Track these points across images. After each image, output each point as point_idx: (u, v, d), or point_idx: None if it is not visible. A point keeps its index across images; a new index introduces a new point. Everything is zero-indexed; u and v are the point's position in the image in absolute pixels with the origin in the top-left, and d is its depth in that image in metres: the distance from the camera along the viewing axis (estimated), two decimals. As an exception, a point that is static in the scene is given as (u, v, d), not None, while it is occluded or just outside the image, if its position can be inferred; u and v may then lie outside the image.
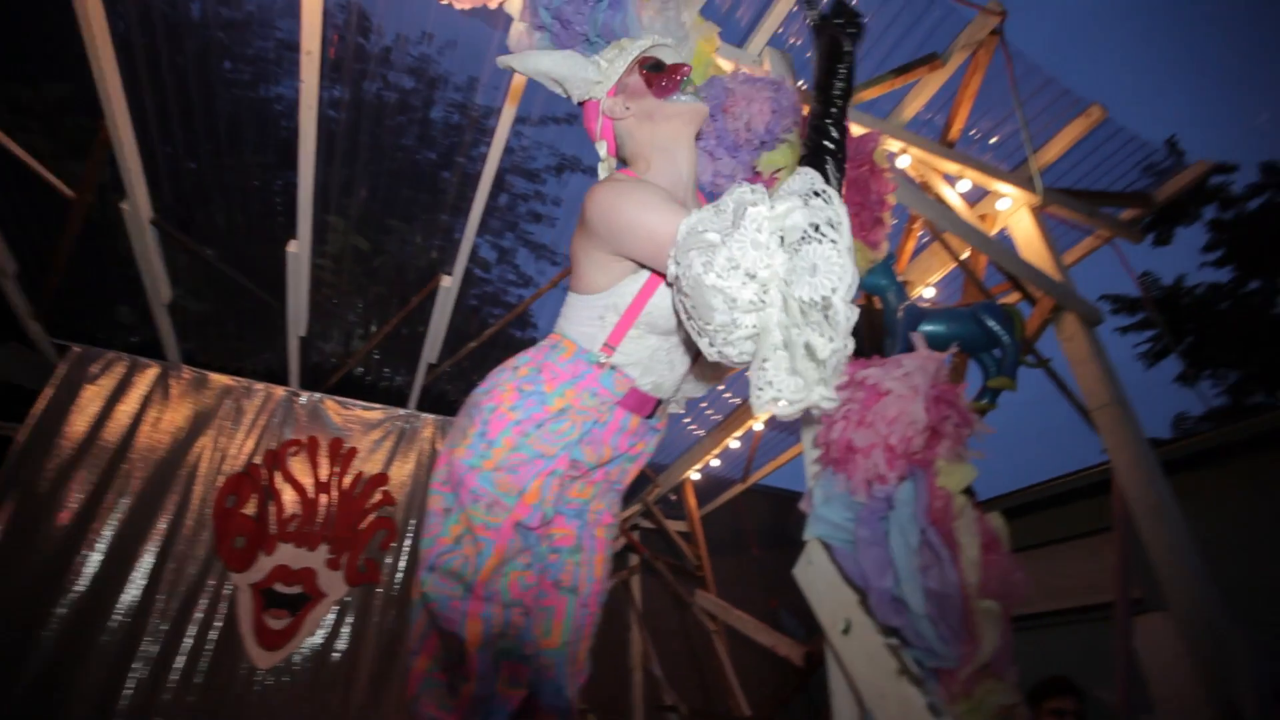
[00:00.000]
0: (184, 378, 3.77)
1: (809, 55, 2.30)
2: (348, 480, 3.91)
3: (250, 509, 3.62)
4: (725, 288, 0.86)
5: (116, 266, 3.35)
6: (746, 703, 4.22)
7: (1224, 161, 10.21)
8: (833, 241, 0.84)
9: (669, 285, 1.09)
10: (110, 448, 3.44)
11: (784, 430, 4.33)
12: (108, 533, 3.30)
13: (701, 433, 4.37)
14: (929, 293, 2.85)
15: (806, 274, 0.83)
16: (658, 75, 1.31)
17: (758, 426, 4.03)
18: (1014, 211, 2.44)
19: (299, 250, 3.06)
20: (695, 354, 1.36)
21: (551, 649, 1.21)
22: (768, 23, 2.07)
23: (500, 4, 1.83)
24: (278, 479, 3.75)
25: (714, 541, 5.01)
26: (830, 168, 1.05)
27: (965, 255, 2.49)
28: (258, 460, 3.73)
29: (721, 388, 4.09)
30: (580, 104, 1.41)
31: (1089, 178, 2.65)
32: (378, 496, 3.94)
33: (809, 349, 0.85)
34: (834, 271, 0.83)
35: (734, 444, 4.16)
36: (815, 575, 1.04)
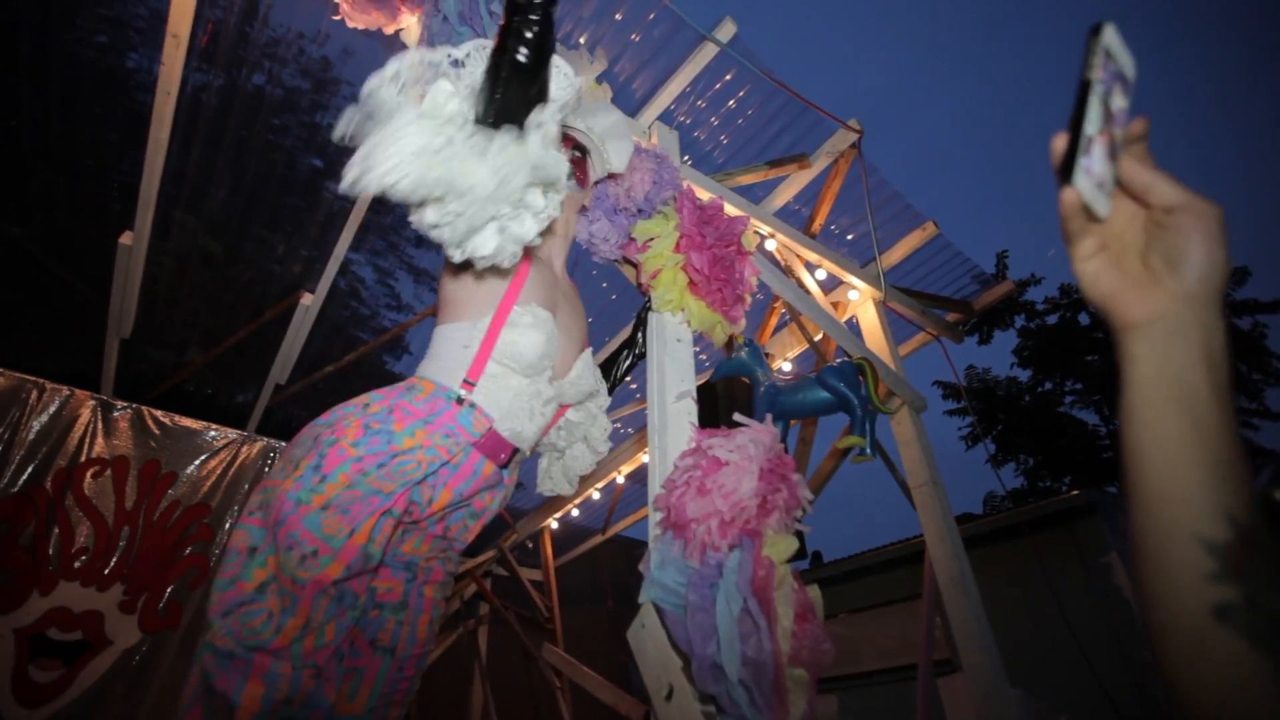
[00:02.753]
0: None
1: (696, 134, 2.47)
2: (160, 510, 3.42)
3: (25, 539, 3.05)
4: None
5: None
6: (583, 764, 4.09)
7: (1033, 275, 12.13)
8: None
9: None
10: None
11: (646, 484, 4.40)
12: None
13: (566, 480, 4.33)
14: (787, 366, 3.08)
15: None
16: None
17: (620, 479, 4.06)
18: (862, 303, 2.73)
19: (134, 244, 2.73)
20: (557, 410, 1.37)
21: (352, 715, 1.09)
22: (660, 99, 2.21)
23: (396, 31, 1.81)
24: (69, 504, 3.20)
25: (569, 592, 4.91)
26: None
27: (818, 337, 2.72)
28: (46, 482, 3.17)
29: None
30: None
31: (925, 281, 3.03)
32: (195, 530, 3.48)
33: None
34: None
35: (596, 495, 4.15)
36: (646, 639, 1.06)
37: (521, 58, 1.06)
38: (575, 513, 4.43)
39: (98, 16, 2.46)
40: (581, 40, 2.23)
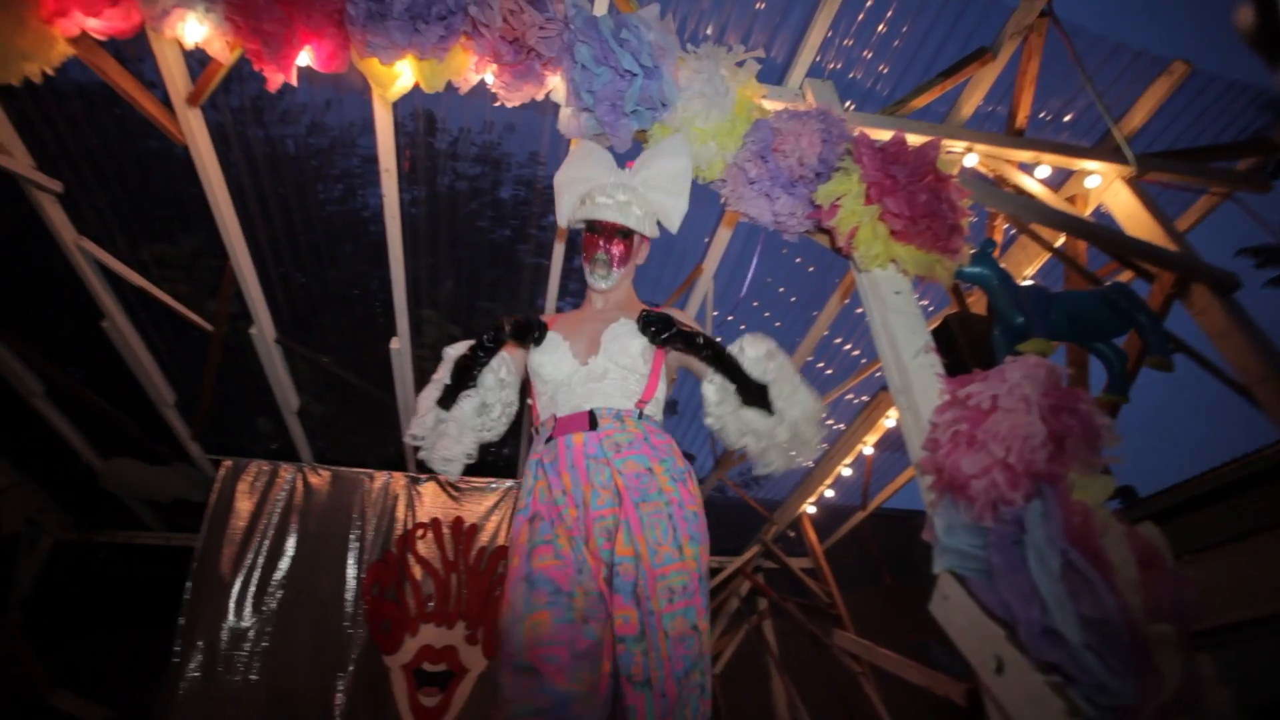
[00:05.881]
0: (320, 475, 4.10)
1: (852, 76, 2.29)
2: (472, 556, 4.08)
3: (390, 594, 3.85)
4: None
5: (251, 383, 3.76)
6: (906, 750, 3.90)
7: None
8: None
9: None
10: (266, 547, 3.77)
11: (898, 450, 4.12)
12: (270, 629, 3.61)
13: (810, 464, 4.23)
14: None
15: None
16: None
17: (868, 450, 3.86)
18: (1107, 187, 2.26)
19: (400, 345, 3.31)
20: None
21: None
22: (803, 55, 2.09)
23: (547, 94, 1.96)
24: (411, 563, 3.97)
25: (842, 575, 4.77)
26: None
27: (1060, 243, 2.32)
28: (393, 547, 3.98)
29: (824, 414, 3.97)
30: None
31: (1190, 133, 2.43)
32: (503, 570, 4.07)
33: None
34: None
35: (846, 471, 3.99)
36: (953, 610, 0.98)
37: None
38: (830, 493, 4.30)
39: (329, 178, 3.06)
40: (708, 31, 2.21)
